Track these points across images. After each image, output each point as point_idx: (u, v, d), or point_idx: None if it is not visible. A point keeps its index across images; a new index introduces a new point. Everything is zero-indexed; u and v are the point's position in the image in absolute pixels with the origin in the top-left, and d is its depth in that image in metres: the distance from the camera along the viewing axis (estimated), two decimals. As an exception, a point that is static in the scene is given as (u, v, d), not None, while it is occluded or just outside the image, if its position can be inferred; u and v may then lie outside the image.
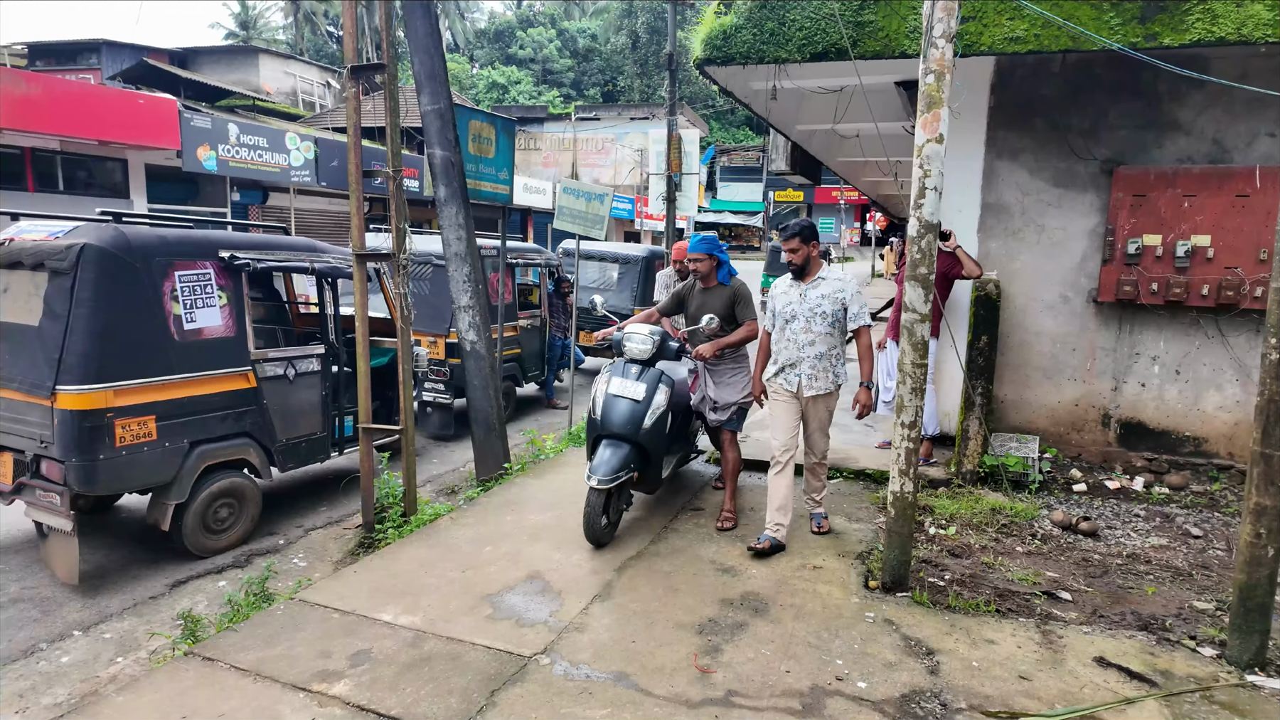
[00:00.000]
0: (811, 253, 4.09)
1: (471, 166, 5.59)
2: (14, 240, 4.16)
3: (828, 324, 4.07)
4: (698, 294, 4.52)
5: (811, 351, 4.08)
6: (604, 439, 4.18)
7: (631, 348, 4.34)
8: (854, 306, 4.09)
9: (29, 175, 11.73)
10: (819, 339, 4.08)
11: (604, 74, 48.41)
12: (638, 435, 4.14)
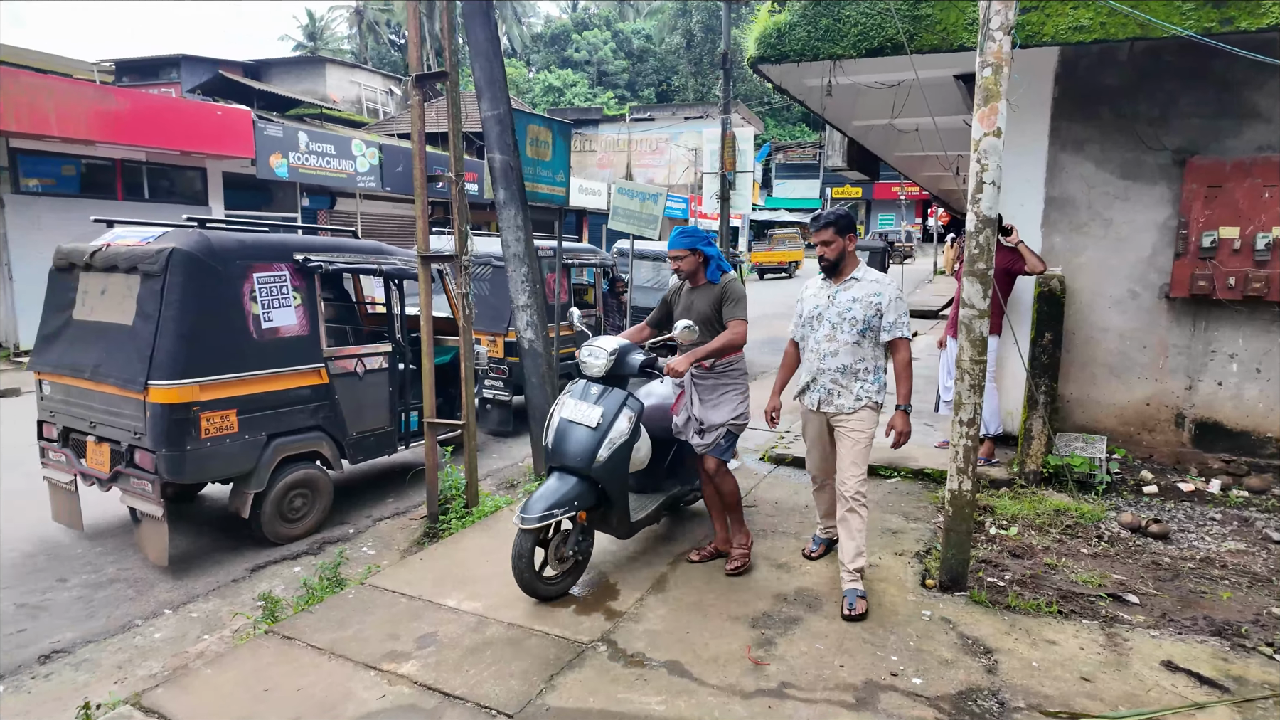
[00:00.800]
0: (848, 247, 3.52)
1: (529, 169, 5.73)
2: (110, 246, 4.48)
3: (856, 332, 3.47)
4: (684, 296, 3.88)
5: (833, 363, 3.52)
6: (554, 471, 3.60)
7: (586, 363, 3.71)
8: (891, 314, 3.45)
9: (119, 185, 12.47)
10: (843, 349, 3.50)
11: (658, 74, 48.54)
12: (590, 468, 3.49)
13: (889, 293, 3.49)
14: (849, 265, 3.56)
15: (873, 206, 41.82)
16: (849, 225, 3.52)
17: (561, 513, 3.42)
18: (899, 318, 3.48)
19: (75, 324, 4.57)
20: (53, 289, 4.79)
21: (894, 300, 3.47)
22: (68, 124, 10.66)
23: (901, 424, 3.46)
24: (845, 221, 3.51)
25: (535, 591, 3.52)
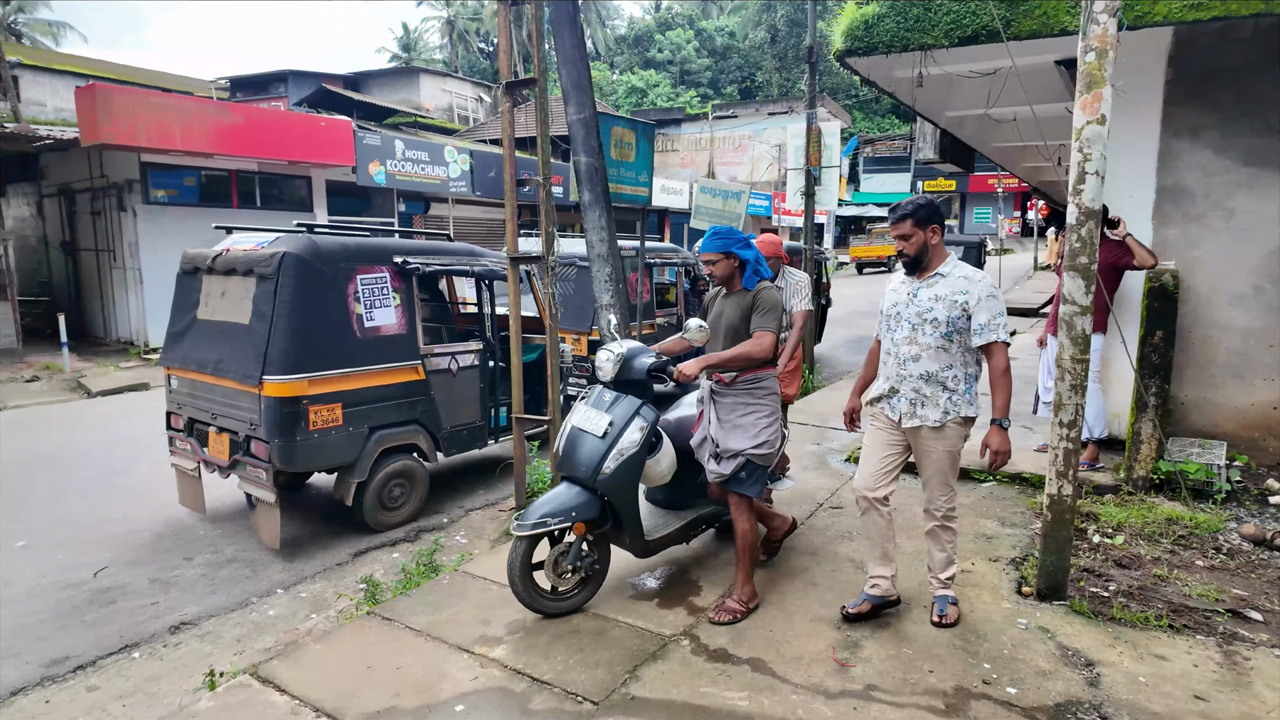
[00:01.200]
0: (930, 240, 3.10)
1: (613, 171, 5.83)
2: (229, 251, 4.84)
3: (940, 334, 3.08)
4: (717, 303, 3.58)
5: (915, 369, 3.13)
6: (565, 479, 3.45)
7: (598, 368, 3.50)
8: (982, 315, 3.02)
9: (234, 194, 13.39)
10: (926, 354, 3.11)
11: (741, 71, 48.14)
12: (595, 480, 3.29)
13: (978, 290, 3.04)
14: (934, 259, 3.15)
15: (968, 200, 40.13)
16: (931, 215, 3.10)
17: (556, 523, 3.23)
18: (992, 319, 3.02)
19: (199, 323, 4.97)
20: (179, 291, 5.21)
21: (985, 299, 3.03)
22: (191, 139, 11.53)
23: (998, 442, 3.03)
24: (925, 211, 3.09)
25: (532, 604, 3.35)
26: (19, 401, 9.13)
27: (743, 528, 3.41)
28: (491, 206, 18.50)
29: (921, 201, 3.11)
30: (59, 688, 3.32)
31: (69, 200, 13.91)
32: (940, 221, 3.13)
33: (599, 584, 3.54)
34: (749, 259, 3.42)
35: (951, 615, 3.28)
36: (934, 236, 3.11)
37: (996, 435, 3.04)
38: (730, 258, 3.41)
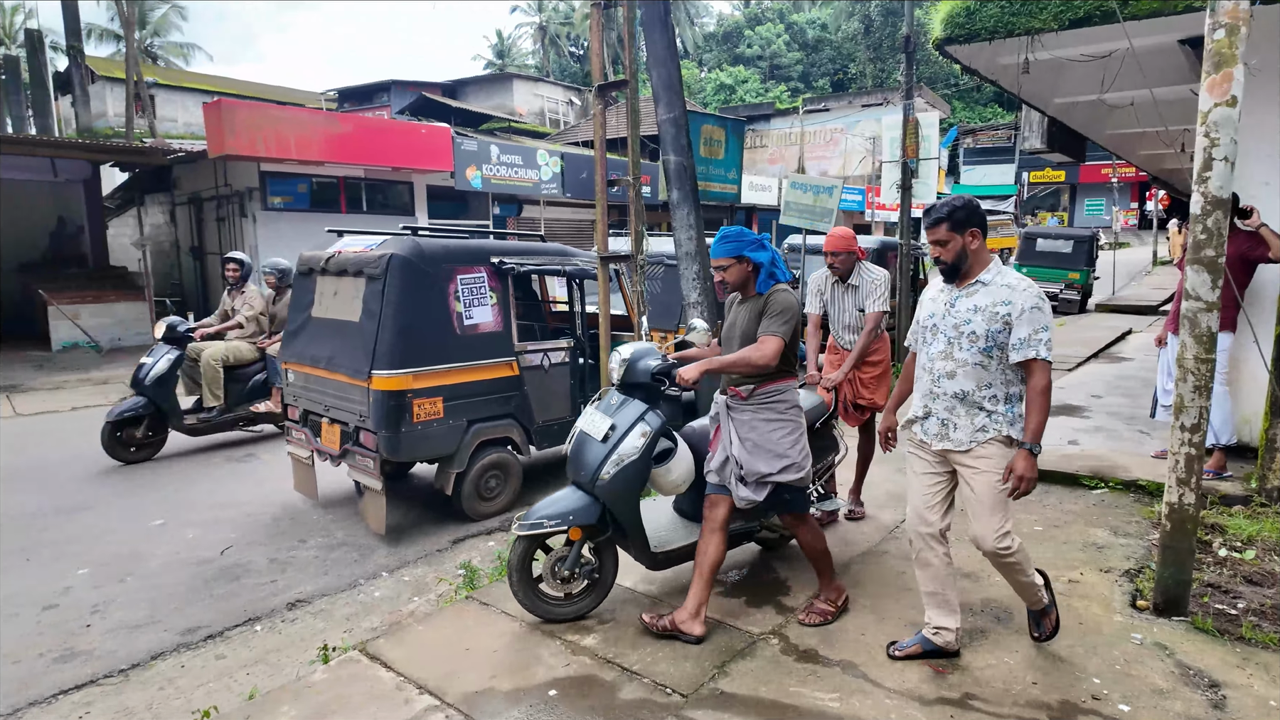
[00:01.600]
0: (969, 245, 2.78)
1: (702, 169, 5.86)
2: (341, 253, 5.15)
3: (978, 350, 2.77)
4: (733, 311, 3.33)
5: (949, 387, 2.84)
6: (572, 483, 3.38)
7: (609, 370, 3.39)
8: (1023, 328, 2.69)
9: (342, 199, 14.19)
10: (962, 371, 2.80)
11: (834, 63, 47.06)
12: (594, 486, 3.20)
13: (1021, 300, 2.71)
14: (976, 266, 2.82)
15: (1078, 191, 37.84)
16: (969, 218, 2.77)
17: (552, 525, 3.19)
18: (1034, 332, 2.69)
19: (314, 321, 5.30)
20: (296, 291, 5.58)
21: (1028, 311, 2.69)
22: (305, 148, 12.30)
23: (1024, 467, 2.68)
24: (963, 213, 2.77)
25: (531, 606, 3.31)
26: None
27: (804, 540, 3.29)
28: (580, 207, 18.83)
29: (958, 203, 2.81)
30: (192, 654, 3.63)
31: (197, 208, 15.09)
32: (981, 224, 2.80)
33: (604, 593, 3.45)
34: (763, 261, 3.15)
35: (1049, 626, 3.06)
36: (974, 241, 2.79)
37: (1023, 460, 2.70)
38: (743, 261, 3.16)
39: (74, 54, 17.96)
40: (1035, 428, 2.71)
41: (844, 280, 4.42)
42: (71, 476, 6.32)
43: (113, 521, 5.30)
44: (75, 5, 17.61)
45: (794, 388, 3.22)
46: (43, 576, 4.44)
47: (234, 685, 3.31)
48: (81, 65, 17.94)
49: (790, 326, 3.08)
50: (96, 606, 4.08)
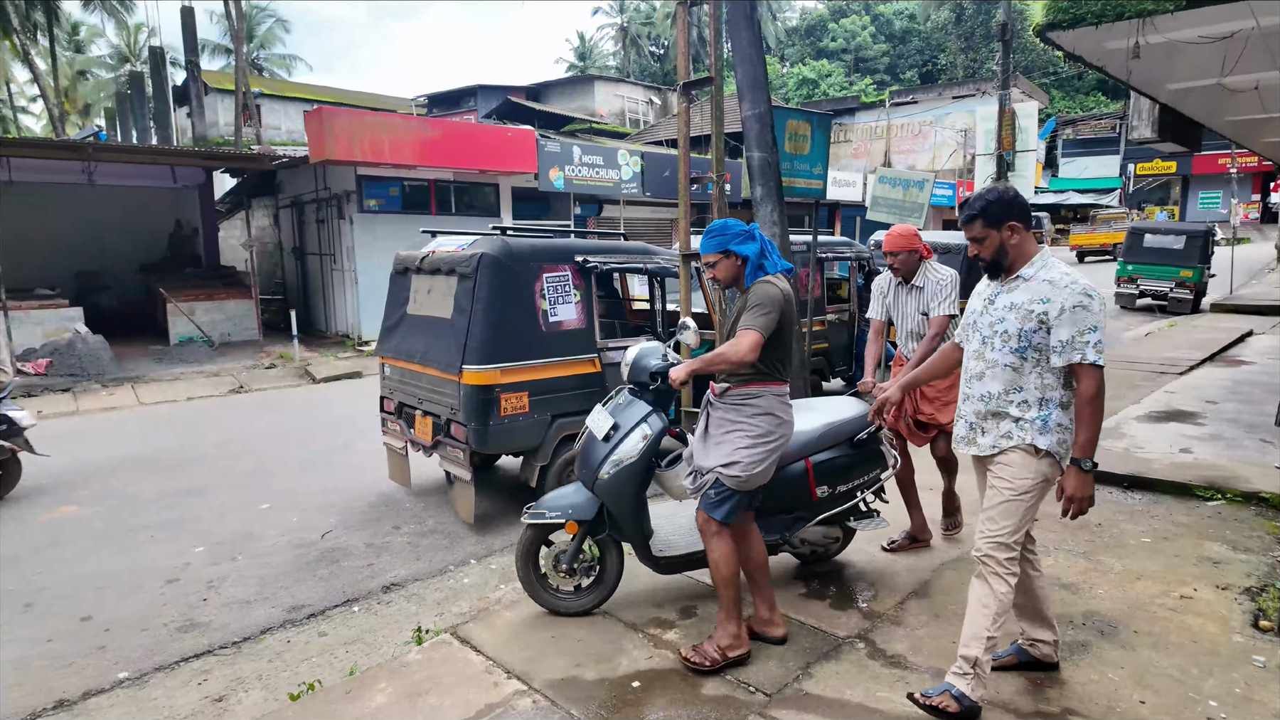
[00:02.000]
0: (1007, 239, 2.59)
1: (786, 164, 5.77)
2: (435, 252, 5.35)
3: (1010, 350, 2.57)
4: (734, 309, 3.18)
5: (978, 389, 2.67)
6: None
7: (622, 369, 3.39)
8: (1065, 329, 2.46)
9: (432, 201, 14.70)
10: (990, 372, 2.63)
11: (922, 54, 45.54)
12: (593, 485, 3.25)
13: (1061, 299, 2.47)
14: (1018, 261, 2.61)
15: (1191, 183, 35.33)
16: (1005, 211, 2.57)
17: (552, 517, 3.27)
18: (1078, 334, 2.44)
19: (409, 318, 5.53)
20: (392, 289, 5.83)
21: (1069, 310, 2.45)
22: (398, 153, 12.81)
23: (1074, 486, 2.48)
24: (997, 207, 2.58)
25: (536, 595, 3.42)
26: (261, 385, 10.63)
27: (711, 557, 3.00)
28: (660, 206, 18.89)
29: (991, 196, 2.62)
30: (297, 630, 3.86)
31: (299, 211, 15.95)
32: (1020, 216, 2.59)
33: (607, 591, 3.47)
34: (749, 254, 2.97)
35: (940, 704, 2.53)
36: (1012, 235, 2.58)
37: (1074, 478, 2.48)
38: (729, 256, 2.99)
39: (191, 68, 19.30)
40: (1085, 440, 2.48)
41: (907, 281, 4.09)
42: (189, 461, 6.81)
43: (225, 504, 5.68)
44: (193, 23, 18.91)
45: (773, 394, 2.98)
46: (165, 553, 4.80)
47: (334, 661, 3.50)
48: (198, 79, 19.27)
49: (769, 319, 2.86)
50: (212, 582, 4.39)
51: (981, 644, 2.55)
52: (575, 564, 3.44)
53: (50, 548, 4.90)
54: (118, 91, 29.32)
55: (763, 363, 2.92)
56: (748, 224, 3.07)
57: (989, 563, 2.61)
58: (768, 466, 2.97)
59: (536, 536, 3.42)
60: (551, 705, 2.79)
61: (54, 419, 8.72)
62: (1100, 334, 2.44)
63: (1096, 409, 2.46)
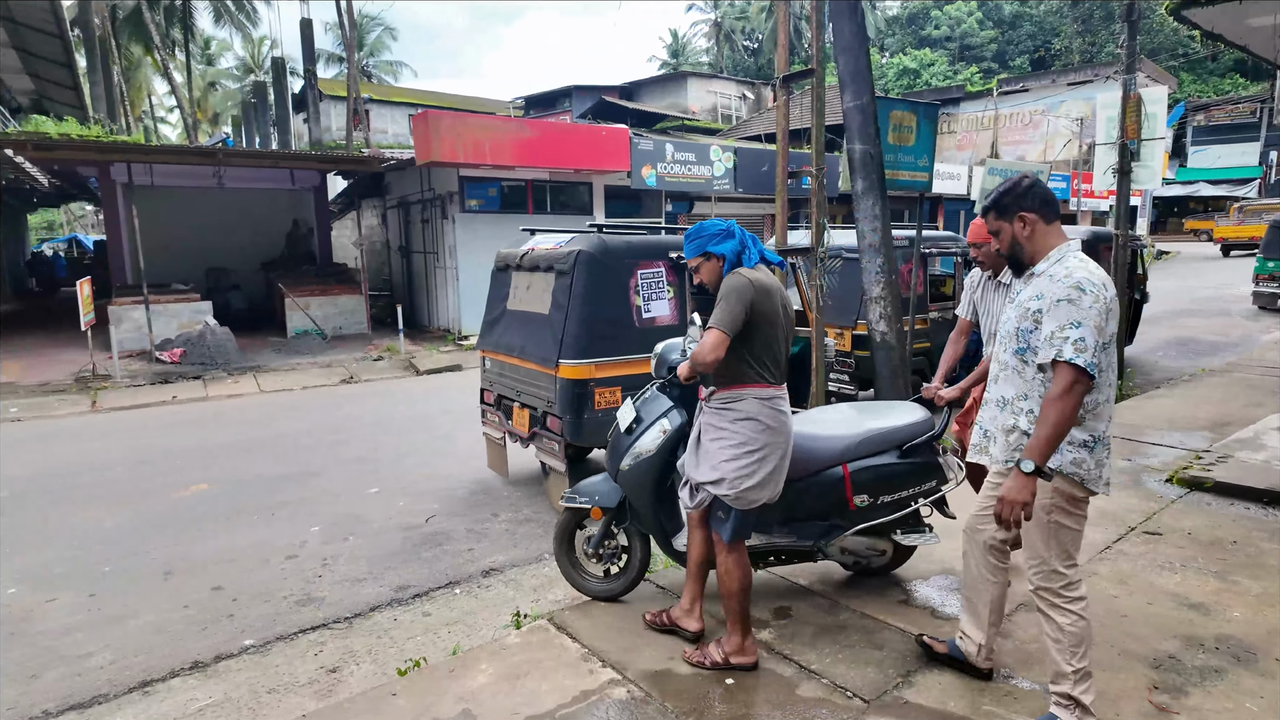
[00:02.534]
0: (1018, 232, 2.46)
1: (889, 157, 5.60)
2: (534, 250, 5.49)
3: (1012, 351, 2.47)
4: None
5: (994, 393, 2.56)
6: None
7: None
8: (1049, 324, 2.30)
9: (529, 201, 15.08)
10: (1003, 376, 2.51)
11: (1034, 40, 43.11)
12: (616, 476, 3.32)
13: (1054, 292, 2.31)
14: (1036, 254, 2.47)
15: (1346, 170, 31.93)
16: (1017, 201, 2.45)
17: (580, 502, 3.44)
18: (1059, 328, 2.26)
19: (508, 313, 5.70)
20: (494, 285, 6.02)
21: (1055, 304, 2.30)
22: (499, 154, 13.20)
23: (1007, 487, 2.26)
24: (1009, 198, 2.46)
25: (568, 575, 3.61)
26: (369, 376, 11.20)
27: (719, 571, 2.91)
28: (752, 202, 18.69)
29: (1005, 187, 2.49)
30: (403, 609, 4.06)
31: (405, 211, 16.70)
32: (1034, 206, 2.44)
33: (633, 578, 3.54)
34: (726, 253, 2.83)
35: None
36: (1024, 227, 2.45)
37: (1011, 479, 2.27)
38: (710, 258, 2.87)
39: (309, 77, 20.52)
40: (1036, 441, 2.24)
41: (995, 276, 3.69)
42: (305, 446, 7.26)
43: (338, 487, 6.03)
44: (311, 35, 20.11)
45: (755, 397, 2.81)
46: (285, 531, 5.14)
47: (438, 641, 3.66)
48: (314, 86, 20.47)
49: (731, 314, 2.68)
50: (326, 560, 4.67)
51: (1069, 680, 2.41)
52: (601, 549, 3.54)
53: (186, 522, 5.34)
54: (243, 100, 31.57)
55: (742, 362, 2.78)
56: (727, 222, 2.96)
57: (1043, 595, 2.46)
58: (763, 479, 2.80)
59: (571, 520, 3.58)
60: (646, 696, 2.82)
61: (186, 404, 9.49)
62: (1084, 331, 2.23)
63: (1060, 411, 2.22)
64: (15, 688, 3.35)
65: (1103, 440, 2.40)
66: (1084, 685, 2.40)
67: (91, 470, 6.55)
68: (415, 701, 2.83)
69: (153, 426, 8.24)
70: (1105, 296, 2.29)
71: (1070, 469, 2.37)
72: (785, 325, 2.89)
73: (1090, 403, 2.35)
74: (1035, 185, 2.47)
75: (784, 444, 2.86)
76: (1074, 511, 2.41)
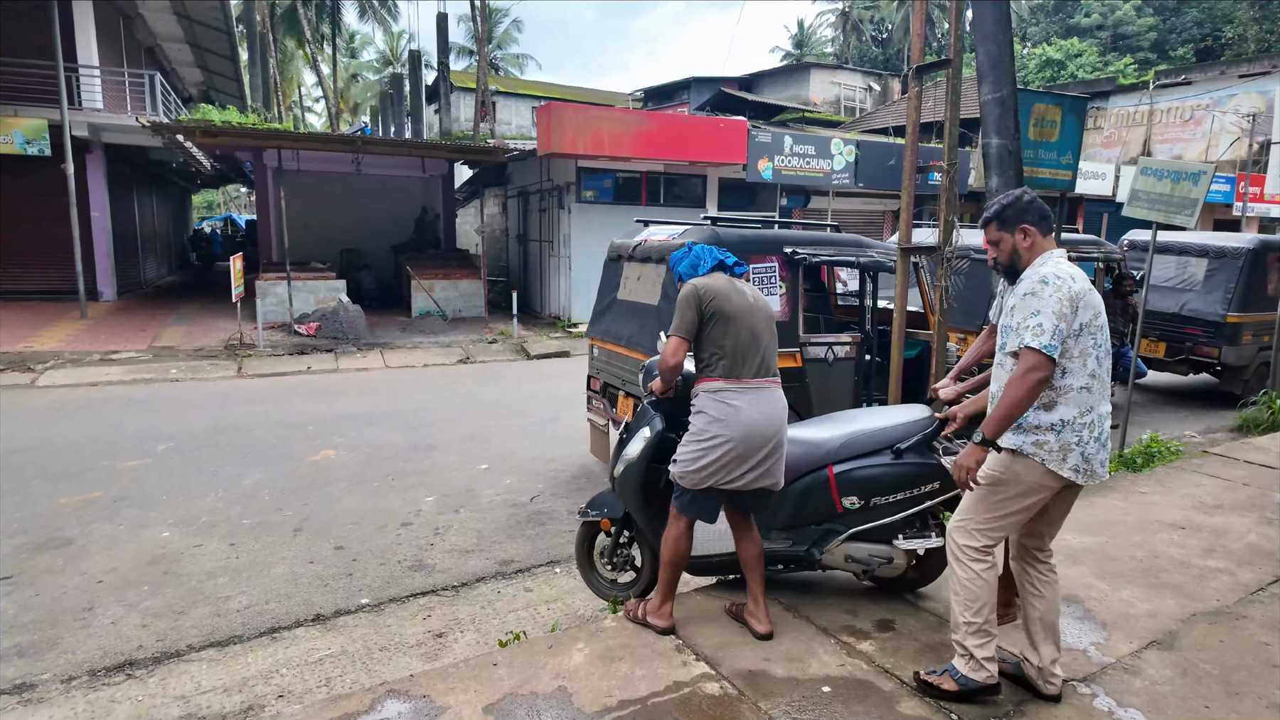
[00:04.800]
0: (1020, 243, 2.62)
1: (1029, 153, 5.25)
2: (647, 241, 5.52)
3: (1000, 348, 2.67)
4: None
5: (993, 389, 2.72)
6: None
7: None
8: (1017, 315, 2.51)
9: (643, 192, 15.19)
10: (997, 372, 2.70)
11: (1200, 28, 39.20)
12: (612, 482, 3.46)
13: (1023, 289, 2.53)
14: (1028, 264, 2.63)
15: None
16: (1019, 214, 2.62)
17: (592, 515, 3.60)
18: (1023, 320, 2.47)
19: (618, 303, 5.77)
20: (605, 274, 6.11)
21: (1021, 299, 2.51)
22: (616, 145, 13.38)
23: (963, 455, 2.52)
24: (1012, 210, 2.63)
25: (589, 581, 3.75)
26: (483, 358, 11.67)
27: (665, 535, 3.16)
28: (872, 198, 18.04)
29: (1008, 200, 2.66)
30: (506, 583, 4.21)
31: (524, 200, 17.23)
32: (1034, 219, 2.61)
33: (645, 584, 3.57)
34: (681, 271, 3.19)
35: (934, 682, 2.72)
36: (1024, 238, 2.62)
37: (967, 450, 2.52)
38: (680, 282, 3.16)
39: (443, 69, 21.48)
40: (990, 416, 2.49)
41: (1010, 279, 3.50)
42: (424, 421, 7.66)
43: (452, 461, 6.32)
44: (446, 28, 21.04)
45: (703, 390, 3.01)
46: (404, 499, 5.44)
47: (537, 616, 3.77)
48: (447, 79, 21.42)
49: (682, 320, 2.97)
50: (438, 529, 4.90)
51: (962, 630, 2.66)
52: (615, 558, 3.66)
53: (315, 484, 5.75)
54: (381, 91, 33.47)
55: (699, 361, 3.05)
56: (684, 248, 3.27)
57: (950, 546, 2.71)
58: (708, 464, 2.96)
59: (588, 532, 3.71)
60: (740, 695, 2.80)
61: (319, 374, 10.21)
62: (1043, 318, 2.42)
63: (1015, 390, 2.41)
64: (166, 621, 3.72)
65: (1074, 426, 2.51)
66: (977, 640, 2.64)
67: (235, 431, 7.17)
68: (514, 673, 2.93)
69: (289, 394, 8.92)
70: (1070, 287, 2.46)
71: (1030, 449, 2.53)
72: (746, 320, 3.03)
73: (1062, 386, 2.52)
74: (1035, 201, 2.65)
75: (739, 434, 2.96)
76: (1020, 491, 2.56)
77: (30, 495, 5.36)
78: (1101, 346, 2.54)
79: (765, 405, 3.01)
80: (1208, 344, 8.53)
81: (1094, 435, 2.53)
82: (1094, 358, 2.53)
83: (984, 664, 2.64)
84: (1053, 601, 2.72)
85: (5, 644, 3.48)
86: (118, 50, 17.88)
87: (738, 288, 3.11)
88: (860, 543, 3.37)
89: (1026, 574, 2.76)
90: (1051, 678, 2.71)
